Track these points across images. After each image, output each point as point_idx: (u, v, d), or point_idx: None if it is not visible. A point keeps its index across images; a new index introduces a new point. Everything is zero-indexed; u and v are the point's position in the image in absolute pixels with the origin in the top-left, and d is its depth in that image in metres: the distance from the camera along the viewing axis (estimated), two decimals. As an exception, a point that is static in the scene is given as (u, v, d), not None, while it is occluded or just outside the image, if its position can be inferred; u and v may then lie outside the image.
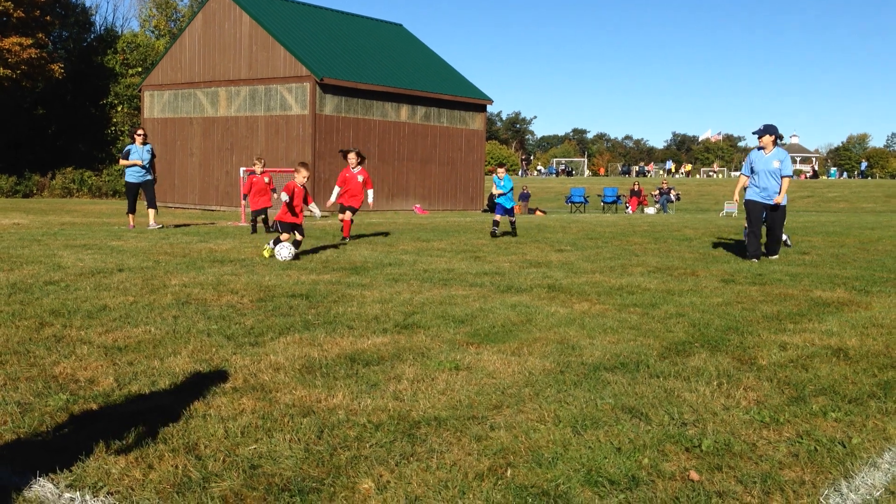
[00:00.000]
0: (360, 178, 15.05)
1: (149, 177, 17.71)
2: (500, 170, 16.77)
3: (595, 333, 6.53)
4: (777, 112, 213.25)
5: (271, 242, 11.51)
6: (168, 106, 35.34)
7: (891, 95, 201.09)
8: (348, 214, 14.96)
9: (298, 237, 11.84)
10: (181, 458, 3.71)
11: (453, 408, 4.49)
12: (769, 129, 12.49)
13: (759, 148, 12.56)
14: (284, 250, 11.28)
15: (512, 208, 16.83)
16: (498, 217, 16.56)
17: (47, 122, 47.82)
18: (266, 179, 18.09)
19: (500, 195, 16.54)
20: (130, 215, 18.03)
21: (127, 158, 17.50)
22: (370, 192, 15.25)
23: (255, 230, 17.20)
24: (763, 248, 12.75)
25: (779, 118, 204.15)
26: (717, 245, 15.01)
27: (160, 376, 5.03)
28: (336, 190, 15.08)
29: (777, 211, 12.47)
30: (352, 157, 15.09)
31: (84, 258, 10.93)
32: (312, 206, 12.43)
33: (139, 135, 17.70)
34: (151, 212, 17.99)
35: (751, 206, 12.60)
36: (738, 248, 14.03)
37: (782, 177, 12.40)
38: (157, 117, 35.52)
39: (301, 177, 11.86)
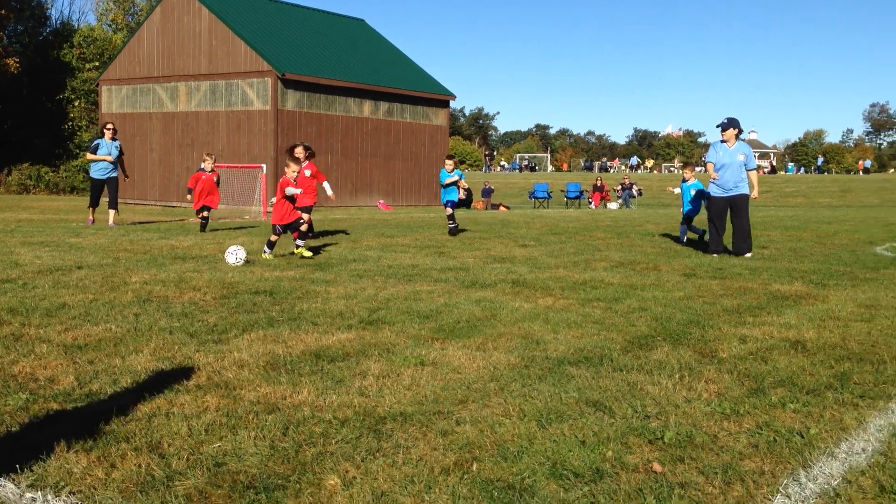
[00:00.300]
0: (308, 173, 13.41)
1: (114, 174, 17.07)
2: (448, 162, 16.18)
3: (559, 328, 6.58)
4: (735, 108, 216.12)
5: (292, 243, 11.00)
6: (126, 101, 34.86)
7: (845, 91, 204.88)
8: (305, 216, 13.30)
9: (304, 227, 11.41)
10: (144, 456, 3.67)
11: (419, 403, 4.50)
12: (733, 123, 12.46)
13: (722, 141, 12.49)
14: (232, 257, 10.34)
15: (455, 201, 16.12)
16: (450, 210, 15.92)
17: (2, 117, 46.88)
18: (215, 178, 16.60)
19: (448, 185, 15.86)
20: (91, 209, 17.45)
21: (95, 153, 16.90)
22: (326, 185, 13.84)
23: (204, 228, 16.06)
24: (731, 248, 12.57)
25: (737, 113, 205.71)
26: (678, 240, 15.17)
27: (122, 375, 4.97)
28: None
29: (742, 204, 12.32)
30: (299, 151, 13.31)
31: (42, 255, 10.76)
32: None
33: (108, 129, 17.01)
34: (112, 212, 17.47)
35: (714, 203, 12.50)
36: (702, 244, 14.21)
37: (748, 170, 12.36)
38: (116, 112, 35.02)
39: (291, 171, 11.23)
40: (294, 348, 5.73)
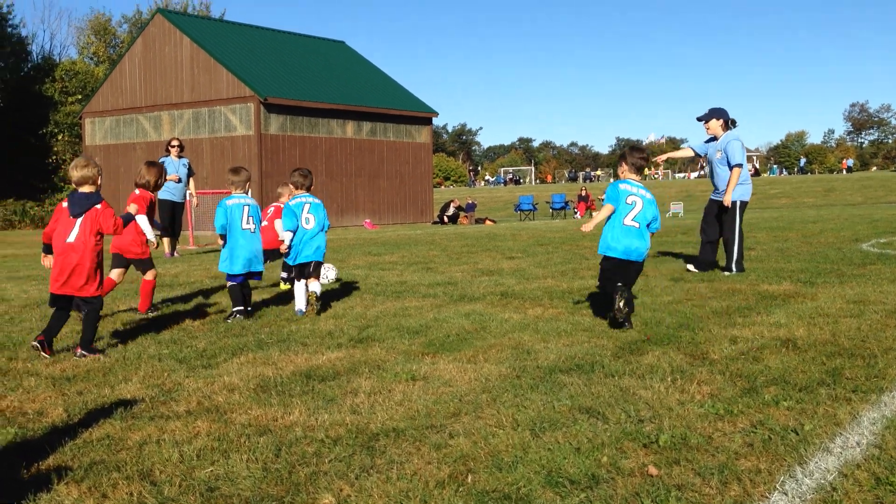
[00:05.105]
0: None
1: (181, 197, 14.97)
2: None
3: (549, 337, 6.56)
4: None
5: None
6: (110, 132, 34.81)
7: (825, 92, 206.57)
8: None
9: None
10: (136, 484, 3.64)
11: (411, 418, 4.47)
12: (715, 113, 10.50)
13: (712, 138, 10.56)
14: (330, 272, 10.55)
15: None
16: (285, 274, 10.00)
17: (-15, 153, 46.75)
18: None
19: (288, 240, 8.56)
20: (166, 240, 14.92)
21: None
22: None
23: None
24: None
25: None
26: (664, 245, 15.21)
27: (111, 404, 4.92)
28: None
29: (725, 212, 10.37)
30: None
31: (28, 290, 10.69)
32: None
33: (174, 146, 14.98)
34: (166, 240, 15.03)
35: (706, 207, 10.82)
36: (688, 249, 14.24)
37: (731, 167, 10.22)
38: (100, 144, 34.96)
39: (285, 198, 10.29)
40: (284, 369, 5.69)
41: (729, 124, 10.52)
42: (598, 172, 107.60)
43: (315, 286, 8.22)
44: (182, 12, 50.48)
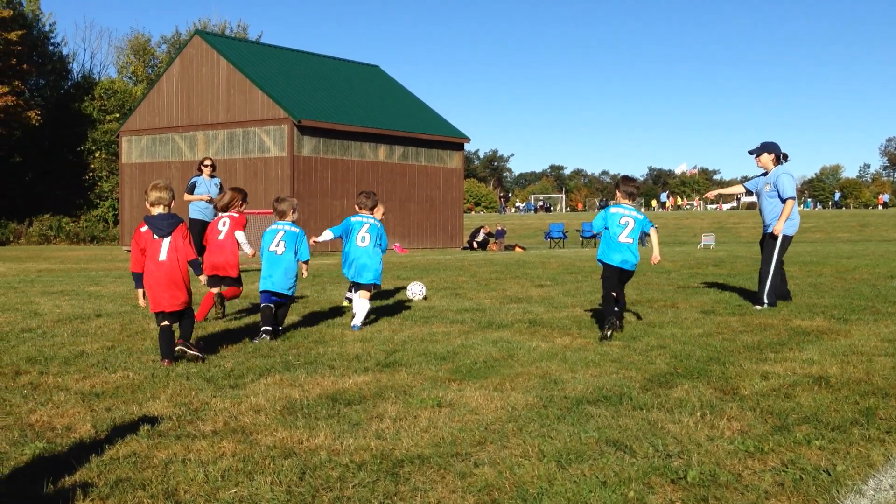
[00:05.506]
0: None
1: (211, 216, 14.16)
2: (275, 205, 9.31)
3: (577, 367, 6.51)
4: (749, 145, 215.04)
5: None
6: (146, 151, 35.31)
7: (861, 126, 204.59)
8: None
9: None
10: (160, 503, 3.64)
11: (436, 445, 4.45)
12: (767, 147, 10.67)
13: (763, 173, 10.69)
14: (415, 289, 11.56)
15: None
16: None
17: (24, 169, 47.58)
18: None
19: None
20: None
21: (192, 193, 14.75)
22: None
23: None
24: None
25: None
26: (695, 276, 15.08)
27: (139, 422, 4.95)
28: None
29: (766, 242, 10.51)
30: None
31: (61, 304, 10.82)
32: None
33: (206, 165, 14.97)
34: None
35: (760, 241, 10.91)
36: (720, 280, 14.11)
37: (783, 201, 10.32)
38: (135, 162, 35.46)
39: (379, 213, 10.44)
40: (311, 392, 5.70)
41: (780, 159, 10.64)
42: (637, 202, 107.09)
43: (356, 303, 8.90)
44: (220, 34, 51.24)
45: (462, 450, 4.36)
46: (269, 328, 8.00)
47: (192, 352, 6.82)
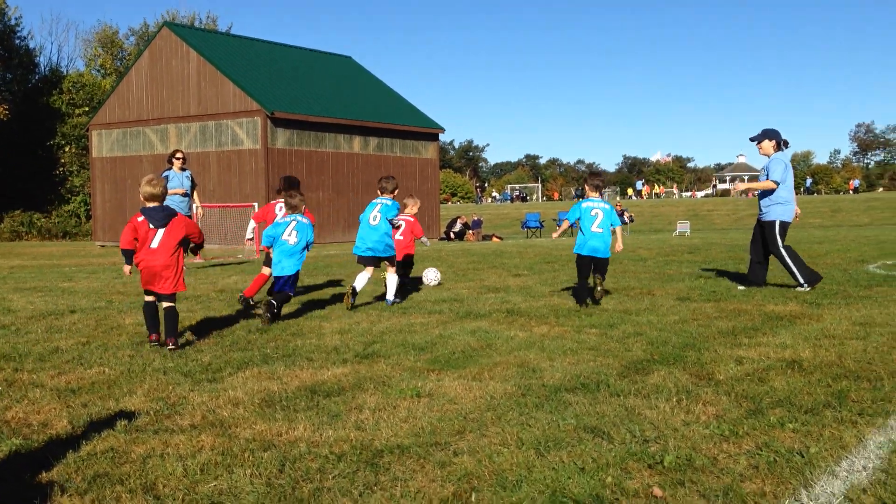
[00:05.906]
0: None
1: (187, 209, 14.84)
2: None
3: (555, 355, 6.56)
4: (722, 132, 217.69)
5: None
6: (117, 144, 34.95)
7: (831, 113, 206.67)
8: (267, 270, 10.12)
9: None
10: (139, 498, 3.63)
11: (416, 435, 4.46)
12: (767, 134, 10.79)
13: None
14: (430, 275, 12.17)
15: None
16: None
17: (-7, 164, 47.00)
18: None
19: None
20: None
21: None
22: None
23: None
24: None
25: (725, 138, 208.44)
26: (670, 264, 15.20)
27: (115, 417, 4.92)
28: (252, 225, 11.52)
29: (766, 233, 10.76)
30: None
31: (35, 301, 10.72)
32: (423, 238, 11.55)
33: (178, 158, 14.98)
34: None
35: (754, 227, 11.20)
36: (695, 268, 14.22)
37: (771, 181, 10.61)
38: (106, 156, 35.10)
39: (411, 209, 11.50)
40: (289, 384, 5.69)
41: (780, 145, 10.84)
42: (606, 190, 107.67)
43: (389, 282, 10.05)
44: (189, 26, 50.73)
45: (441, 439, 4.38)
46: (268, 306, 8.45)
47: (170, 346, 7.07)
